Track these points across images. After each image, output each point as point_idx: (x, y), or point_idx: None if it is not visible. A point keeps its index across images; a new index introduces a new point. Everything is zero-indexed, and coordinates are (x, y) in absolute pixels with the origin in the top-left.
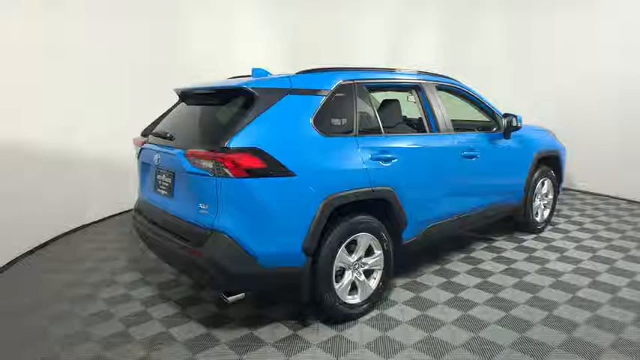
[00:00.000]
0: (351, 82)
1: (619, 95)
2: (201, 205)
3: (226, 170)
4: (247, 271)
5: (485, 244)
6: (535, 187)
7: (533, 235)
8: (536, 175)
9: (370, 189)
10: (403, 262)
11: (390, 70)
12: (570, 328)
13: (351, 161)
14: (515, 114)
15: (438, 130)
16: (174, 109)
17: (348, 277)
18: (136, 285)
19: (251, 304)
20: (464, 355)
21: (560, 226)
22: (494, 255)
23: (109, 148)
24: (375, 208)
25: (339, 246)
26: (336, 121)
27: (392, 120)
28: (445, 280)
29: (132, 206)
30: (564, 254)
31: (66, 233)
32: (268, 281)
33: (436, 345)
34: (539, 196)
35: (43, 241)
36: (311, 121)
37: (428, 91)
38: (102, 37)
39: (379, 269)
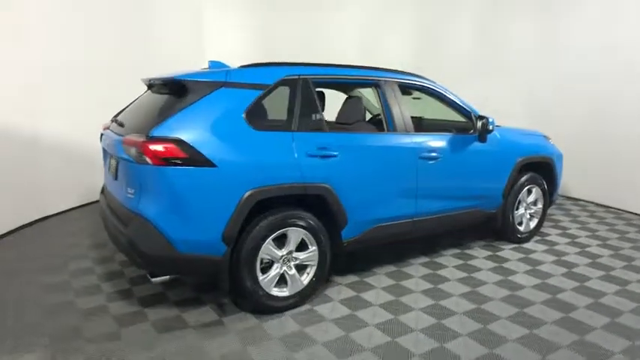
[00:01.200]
0: (297, 77)
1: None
2: (128, 190)
3: (146, 158)
4: (165, 255)
5: (457, 250)
6: (518, 194)
7: (514, 246)
8: (521, 181)
9: (302, 185)
10: (363, 259)
11: (345, 67)
12: (501, 343)
13: (281, 156)
14: (488, 116)
15: (394, 129)
16: (139, 98)
17: (275, 269)
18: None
19: (190, 287)
20: (366, 356)
21: (549, 238)
22: (460, 262)
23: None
24: (311, 205)
25: (265, 238)
26: (273, 116)
27: (352, 117)
28: (394, 282)
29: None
30: (536, 268)
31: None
32: (188, 267)
33: (348, 345)
34: (523, 205)
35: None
36: (243, 114)
37: (387, 89)
38: (65, 20)
39: (313, 265)
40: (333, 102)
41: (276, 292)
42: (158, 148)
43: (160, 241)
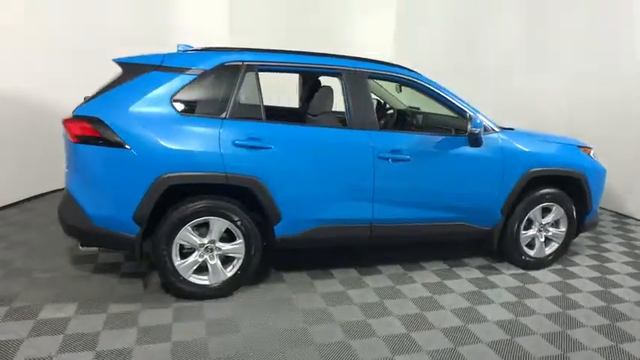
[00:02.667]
0: (239, 63)
1: None
2: (65, 166)
3: (68, 135)
4: (84, 228)
5: (440, 266)
6: (527, 211)
7: (516, 272)
8: (533, 197)
9: (223, 175)
10: (321, 258)
11: (303, 54)
12: None
13: (203, 144)
14: (475, 115)
15: (351, 124)
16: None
17: (194, 257)
18: None
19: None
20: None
21: (572, 268)
22: (431, 281)
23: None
24: (239, 196)
25: (182, 224)
26: (204, 102)
27: (317, 108)
28: (341, 289)
29: None
30: (522, 304)
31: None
32: (104, 240)
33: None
34: (536, 225)
35: None
36: (170, 98)
37: (351, 79)
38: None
39: (239, 258)
40: None
41: (194, 279)
42: (76, 126)
43: (79, 214)
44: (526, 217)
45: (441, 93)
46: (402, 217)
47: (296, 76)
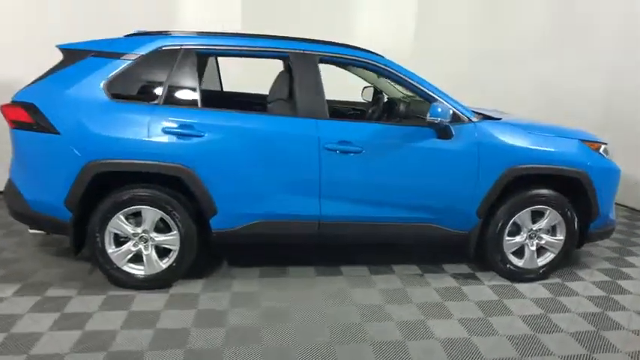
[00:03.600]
0: (178, 47)
1: None
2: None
3: (6, 121)
4: (24, 212)
5: (414, 272)
6: (513, 215)
7: (498, 283)
8: (519, 198)
9: (153, 163)
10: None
11: (245, 36)
12: None
13: (133, 130)
14: (439, 104)
15: (297, 112)
16: None
17: (127, 246)
18: None
19: None
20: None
21: (572, 283)
22: (393, 287)
23: None
24: (173, 186)
25: (113, 212)
26: (138, 87)
27: (273, 95)
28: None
29: None
30: (480, 322)
31: None
32: (46, 225)
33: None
34: (525, 231)
35: None
36: (102, 84)
37: (299, 63)
38: None
39: (175, 249)
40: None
41: (128, 268)
42: (12, 111)
43: (18, 198)
44: (511, 222)
45: (404, 77)
46: (356, 214)
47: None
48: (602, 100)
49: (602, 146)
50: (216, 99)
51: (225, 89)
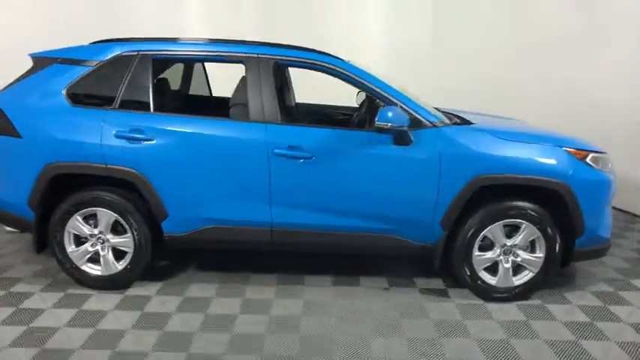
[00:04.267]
0: (135, 53)
1: None
2: None
3: None
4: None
5: (377, 286)
6: (482, 228)
7: (470, 302)
8: (487, 210)
9: (103, 166)
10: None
11: (202, 42)
12: None
13: (85, 134)
14: (392, 107)
15: (248, 116)
16: None
17: (85, 246)
18: None
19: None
20: None
21: (554, 305)
22: (348, 302)
23: None
24: (127, 189)
25: (70, 213)
26: (95, 92)
27: (233, 99)
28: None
29: None
30: (429, 343)
31: None
32: (15, 223)
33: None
34: (498, 246)
35: None
36: (64, 89)
37: (253, 67)
38: None
39: (129, 252)
40: None
41: (87, 268)
42: None
43: None
44: (480, 235)
45: (362, 81)
46: (309, 222)
47: None
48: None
49: (591, 155)
50: (202, 104)
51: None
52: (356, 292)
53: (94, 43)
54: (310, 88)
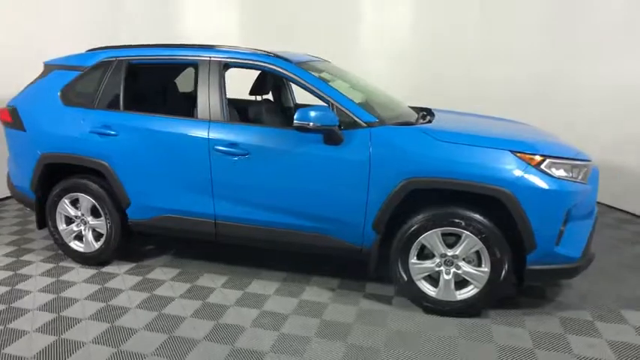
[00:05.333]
0: (114, 59)
1: None
2: None
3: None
4: (16, 194)
5: (326, 286)
6: (417, 235)
7: (412, 313)
8: (422, 216)
9: (82, 157)
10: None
11: (167, 47)
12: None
13: (70, 129)
14: (319, 107)
15: (195, 114)
16: None
17: (72, 226)
18: None
19: None
20: None
21: (496, 328)
22: (276, 304)
23: None
24: (101, 177)
25: (59, 197)
26: (82, 93)
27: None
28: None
29: None
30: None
31: None
32: (27, 204)
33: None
34: (437, 256)
35: None
36: (59, 91)
37: (205, 69)
38: None
39: (103, 233)
40: None
41: (74, 245)
42: (3, 113)
43: (9, 182)
44: (416, 243)
45: (302, 81)
46: (249, 217)
47: None
48: None
49: (548, 160)
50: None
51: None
52: (309, 291)
53: (89, 50)
54: None
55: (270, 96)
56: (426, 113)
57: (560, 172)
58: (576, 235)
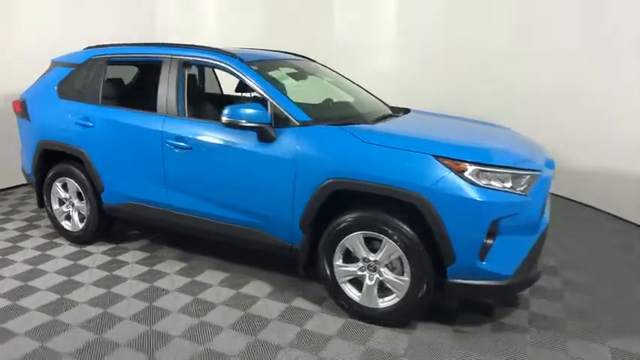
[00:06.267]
0: (99, 57)
1: None
2: None
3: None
4: (26, 178)
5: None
6: (343, 235)
7: (335, 318)
8: (344, 218)
9: (65, 144)
10: None
11: (137, 45)
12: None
13: (60, 120)
14: (250, 105)
15: (156, 109)
16: None
17: (62, 207)
18: None
19: None
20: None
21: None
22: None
23: None
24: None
25: (52, 180)
26: (72, 88)
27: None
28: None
29: None
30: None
31: None
32: (33, 186)
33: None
34: (361, 260)
35: None
36: (56, 86)
37: (167, 66)
38: None
39: (85, 215)
40: None
41: (64, 224)
42: (15, 104)
43: (22, 169)
44: (339, 244)
45: (247, 79)
46: (196, 209)
47: None
48: None
49: (472, 168)
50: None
51: None
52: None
53: (85, 48)
54: None
55: None
56: (402, 114)
57: (490, 181)
58: (509, 251)
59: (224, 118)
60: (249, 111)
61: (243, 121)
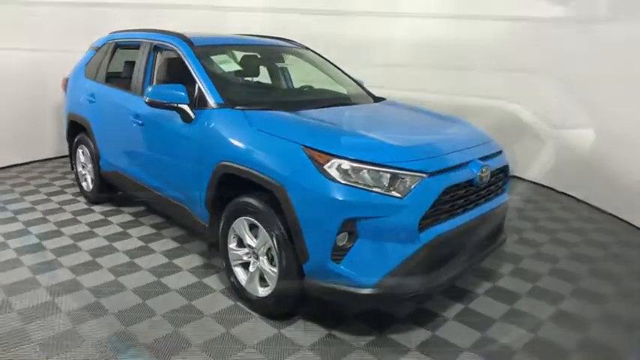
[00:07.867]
0: (111, 41)
1: None
2: None
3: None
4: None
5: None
6: (233, 219)
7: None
8: (233, 202)
9: (80, 116)
10: None
11: (134, 31)
12: None
13: (80, 95)
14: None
15: (132, 88)
16: None
17: (81, 170)
18: None
19: None
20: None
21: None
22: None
23: None
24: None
25: (76, 147)
26: (92, 69)
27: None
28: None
29: None
30: None
31: None
32: None
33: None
34: (263, 255)
35: None
36: (84, 67)
37: (143, 50)
38: None
39: (92, 178)
40: None
41: (83, 185)
42: (63, 81)
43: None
44: (230, 228)
45: (185, 62)
46: (149, 182)
47: None
48: None
49: (336, 162)
50: None
51: None
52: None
53: (110, 33)
54: None
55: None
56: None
57: (356, 178)
58: (372, 258)
59: (146, 98)
60: (168, 91)
61: (164, 100)
